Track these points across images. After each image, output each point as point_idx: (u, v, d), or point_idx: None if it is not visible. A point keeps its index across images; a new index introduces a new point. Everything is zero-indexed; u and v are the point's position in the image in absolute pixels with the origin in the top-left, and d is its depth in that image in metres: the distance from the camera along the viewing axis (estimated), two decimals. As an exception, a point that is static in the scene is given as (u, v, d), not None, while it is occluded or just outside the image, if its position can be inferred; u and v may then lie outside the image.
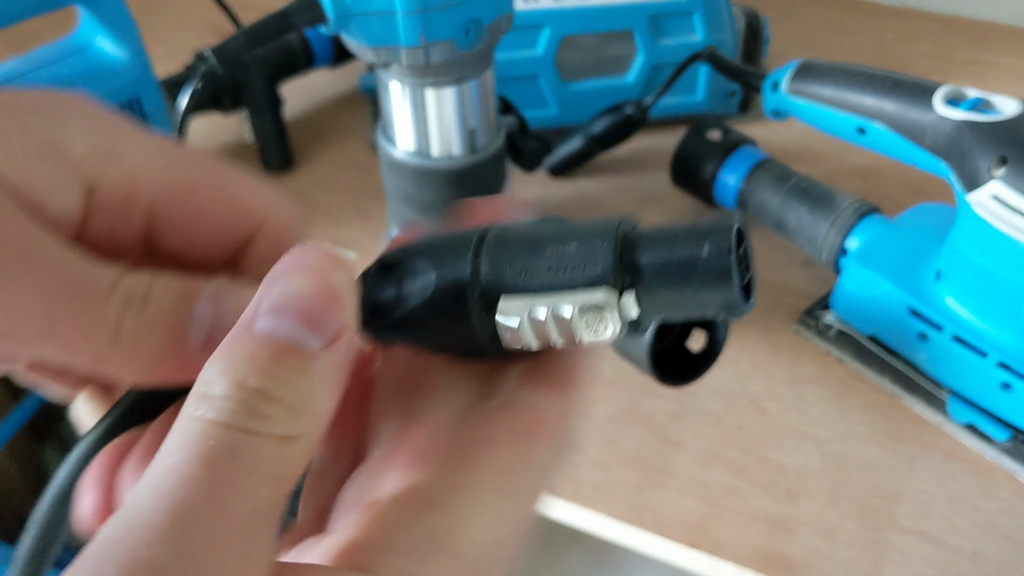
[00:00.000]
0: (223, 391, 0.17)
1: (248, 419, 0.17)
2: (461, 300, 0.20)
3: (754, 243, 0.20)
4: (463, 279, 0.20)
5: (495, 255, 0.20)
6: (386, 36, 0.48)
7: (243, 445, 0.16)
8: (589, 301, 0.19)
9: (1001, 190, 0.44)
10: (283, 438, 0.17)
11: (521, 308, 0.19)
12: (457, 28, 0.48)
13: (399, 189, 0.57)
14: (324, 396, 0.18)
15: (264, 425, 0.17)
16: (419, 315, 0.21)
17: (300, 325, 0.18)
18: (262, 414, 0.17)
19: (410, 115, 0.54)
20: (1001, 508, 0.48)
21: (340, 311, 0.18)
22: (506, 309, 0.19)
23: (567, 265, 0.19)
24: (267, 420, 0.17)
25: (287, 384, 0.17)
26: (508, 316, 0.19)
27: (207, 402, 0.17)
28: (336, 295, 0.18)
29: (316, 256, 0.19)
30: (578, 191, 0.72)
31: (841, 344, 0.56)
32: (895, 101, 0.50)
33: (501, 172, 0.58)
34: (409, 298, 0.21)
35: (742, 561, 0.46)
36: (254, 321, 0.18)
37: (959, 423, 0.52)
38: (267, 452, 0.17)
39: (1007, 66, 0.86)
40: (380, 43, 0.49)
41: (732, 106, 0.78)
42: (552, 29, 0.70)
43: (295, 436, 0.17)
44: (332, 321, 0.18)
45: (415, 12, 0.47)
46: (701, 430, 0.53)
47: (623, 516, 0.48)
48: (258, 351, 0.17)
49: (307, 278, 0.18)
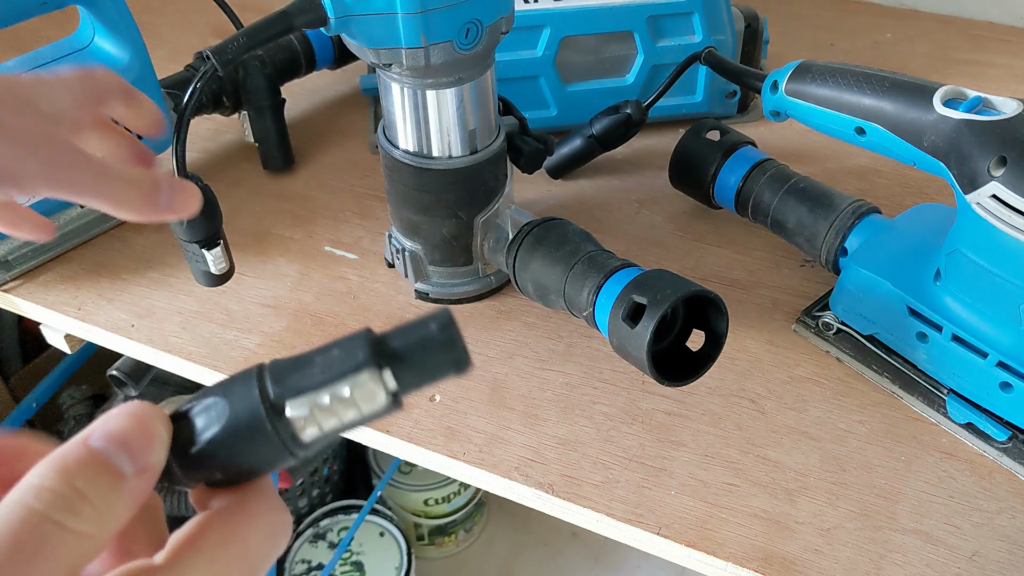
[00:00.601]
0: (53, 485, 0.22)
1: (64, 514, 0.22)
2: (255, 415, 0.25)
3: (754, 243, 0.21)
4: (253, 399, 0.25)
5: (275, 374, 0.25)
6: (387, 37, 0.48)
7: (51, 535, 0.21)
8: (359, 381, 0.24)
9: (1000, 190, 0.44)
10: (84, 535, 0.22)
11: (307, 402, 0.24)
12: (457, 29, 0.48)
13: (400, 190, 0.57)
14: (123, 511, 0.23)
15: (73, 520, 0.22)
16: (221, 439, 0.25)
17: (122, 452, 0.23)
18: (75, 511, 0.22)
19: (410, 116, 0.54)
20: (1001, 508, 0.48)
21: (153, 451, 0.24)
22: (295, 406, 0.24)
23: (335, 365, 0.24)
24: (77, 517, 0.22)
25: (101, 493, 0.22)
26: (298, 409, 0.24)
27: (33, 491, 0.22)
28: (152, 439, 0.24)
29: (147, 409, 0.25)
30: (578, 191, 0.72)
31: (840, 344, 0.56)
32: (894, 101, 0.50)
33: (501, 173, 0.58)
34: (209, 428, 0.25)
35: (741, 560, 0.46)
36: (88, 439, 0.23)
37: (958, 422, 0.52)
38: (68, 542, 0.22)
39: (1006, 66, 0.86)
40: (381, 44, 0.49)
41: (731, 107, 0.78)
42: (552, 30, 0.70)
43: (93, 535, 0.22)
44: (146, 456, 0.24)
45: (416, 13, 0.47)
46: (700, 429, 0.53)
47: (623, 515, 0.49)
48: (88, 460, 0.23)
49: (135, 422, 0.24)
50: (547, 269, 0.53)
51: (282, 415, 0.25)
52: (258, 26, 0.48)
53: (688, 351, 0.51)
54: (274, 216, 0.70)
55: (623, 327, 0.47)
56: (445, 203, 0.56)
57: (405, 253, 0.60)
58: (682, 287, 0.47)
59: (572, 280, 0.52)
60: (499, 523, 1.58)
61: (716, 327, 0.49)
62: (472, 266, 0.60)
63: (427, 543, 1.50)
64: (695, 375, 0.50)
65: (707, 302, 0.48)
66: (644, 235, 0.67)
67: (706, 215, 0.68)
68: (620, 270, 0.50)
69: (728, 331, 0.49)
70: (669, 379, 0.48)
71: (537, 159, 0.59)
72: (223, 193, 0.72)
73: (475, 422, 0.54)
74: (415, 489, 1.42)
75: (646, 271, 0.49)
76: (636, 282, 0.48)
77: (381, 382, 0.24)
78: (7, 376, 1.32)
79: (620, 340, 0.48)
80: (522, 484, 0.50)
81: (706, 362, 0.50)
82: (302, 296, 0.63)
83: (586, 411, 0.54)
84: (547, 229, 0.55)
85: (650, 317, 0.46)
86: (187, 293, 0.63)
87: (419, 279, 0.61)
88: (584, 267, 0.52)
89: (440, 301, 0.61)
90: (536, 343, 0.58)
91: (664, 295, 0.46)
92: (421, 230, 0.58)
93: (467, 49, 0.50)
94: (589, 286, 0.51)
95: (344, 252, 0.66)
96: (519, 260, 0.55)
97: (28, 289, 0.64)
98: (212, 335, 0.60)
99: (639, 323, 0.46)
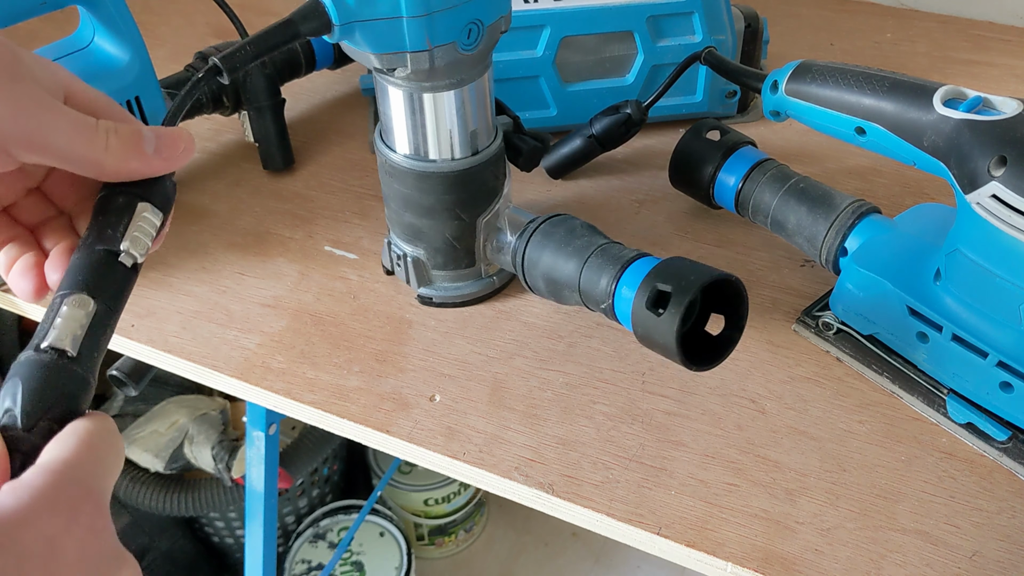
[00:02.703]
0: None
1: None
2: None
3: (754, 243, 0.21)
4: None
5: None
6: (392, 42, 0.48)
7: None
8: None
9: (1000, 190, 0.44)
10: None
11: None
12: (460, 30, 0.48)
13: (399, 194, 0.57)
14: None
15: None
16: None
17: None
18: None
19: (411, 120, 0.54)
20: (1001, 508, 0.48)
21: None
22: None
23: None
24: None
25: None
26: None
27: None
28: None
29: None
30: (578, 191, 0.72)
31: (840, 343, 0.56)
32: (894, 101, 0.50)
33: (501, 172, 0.58)
34: None
35: (741, 560, 0.46)
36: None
37: (958, 422, 0.52)
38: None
39: (1006, 66, 0.86)
40: (386, 49, 0.48)
41: (731, 107, 0.78)
42: (552, 30, 0.70)
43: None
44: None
45: (421, 16, 0.47)
46: (700, 429, 0.53)
47: (623, 515, 0.49)
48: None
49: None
50: (560, 264, 0.53)
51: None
52: (264, 34, 0.46)
53: (707, 335, 0.51)
54: (274, 216, 0.70)
55: (648, 316, 0.47)
56: (448, 205, 0.56)
57: (407, 259, 0.59)
58: (705, 273, 0.47)
59: (588, 273, 0.52)
60: (499, 523, 1.58)
61: (738, 309, 0.49)
62: (475, 268, 0.60)
63: (427, 543, 1.50)
64: (719, 359, 0.49)
65: (727, 285, 0.48)
66: (644, 235, 0.67)
67: (706, 215, 0.68)
68: (637, 260, 0.50)
69: (748, 311, 0.49)
70: (696, 364, 0.48)
71: (535, 157, 0.59)
72: (223, 193, 0.72)
73: (475, 422, 0.54)
74: (415, 489, 1.42)
75: (664, 259, 0.50)
76: (657, 270, 0.48)
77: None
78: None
79: (646, 330, 0.48)
80: (522, 484, 0.50)
81: (728, 345, 0.49)
82: (302, 296, 0.63)
83: (586, 411, 0.54)
84: (554, 225, 0.55)
85: (677, 304, 0.46)
86: (187, 293, 0.63)
87: (422, 284, 0.61)
88: (599, 259, 0.51)
89: (444, 304, 0.61)
90: (536, 343, 0.58)
91: (688, 282, 0.46)
92: (423, 234, 0.58)
93: (469, 50, 0.50)
94: (607, 278, 0.50)
95: (344, 252, 0.66)
96: (527, 258, 0.55)
97: (28, 289, 0.64)
98: (212, 335, 0.60)
99: (666, 311, 0.46)
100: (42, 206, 0.42)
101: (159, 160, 0.38)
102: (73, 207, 0.42)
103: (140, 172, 0.38)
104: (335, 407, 0.55)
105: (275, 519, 1.00)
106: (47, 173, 0.41)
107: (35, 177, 0.41)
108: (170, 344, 0.59)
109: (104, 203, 0.38)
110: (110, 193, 0.39)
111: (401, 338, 0.59)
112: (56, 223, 0.41)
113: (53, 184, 0.41)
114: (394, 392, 0.56)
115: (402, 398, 0.55)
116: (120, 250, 0.37)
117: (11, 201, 0.41)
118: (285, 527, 1.38)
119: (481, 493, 1.52)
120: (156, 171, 0.39)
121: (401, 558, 1.35)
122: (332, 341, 0.59)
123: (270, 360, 0.58)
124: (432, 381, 0.56)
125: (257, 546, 1.01)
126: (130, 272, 0.38)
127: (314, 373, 0.57)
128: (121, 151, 0.37)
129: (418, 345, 0.59)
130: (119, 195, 0.38)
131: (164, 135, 0.39)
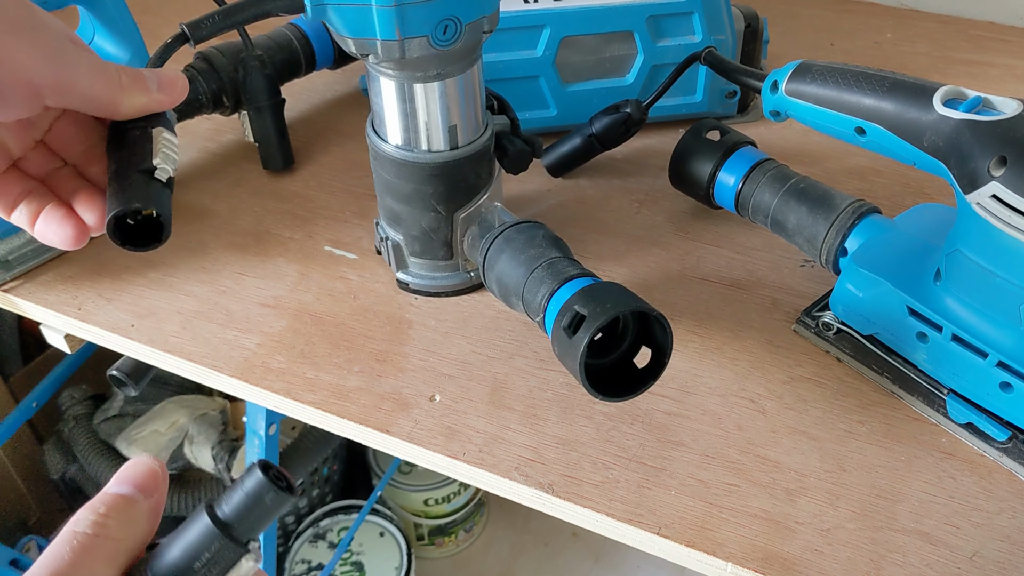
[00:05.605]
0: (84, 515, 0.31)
1: (96, 527, 0.30)
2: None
3: (754, 243, 0.21)
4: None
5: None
6: (362, 28, 0.49)
7: (91, 542, 0.30)
8: (241, 571, 0.31)
9: (1000, 190, 0.44)
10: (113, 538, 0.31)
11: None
12: (434, 25, 0.49)
13: (383, 179, 0.58)
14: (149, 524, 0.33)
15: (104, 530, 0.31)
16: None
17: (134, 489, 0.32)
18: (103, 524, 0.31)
19: (394, 107, 0.54)
20: (1001, 508, 0.48)
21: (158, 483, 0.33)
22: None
23: (217, 564, 0.31)
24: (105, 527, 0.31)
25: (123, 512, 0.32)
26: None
27: (73, 524, 0.31)
28: (156, 475, 0.33)
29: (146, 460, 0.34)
30: (578, 191, 0.72)
31: (840, 344, 0.56)
32: (894, 101, 0.50)
33: (485, 170, 0.58)
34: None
35: (741, 560, 0.46)
36: (109, 488, 0.32)
37: (958, 422, 0.52)
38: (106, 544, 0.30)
39: (1006, 66, 0.86)
40: (357, 34, 0.49)
41: (731, 107, 0.78)
42: (552, 30, 0.70)
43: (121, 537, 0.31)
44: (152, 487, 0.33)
45: (390, 6, 0.47)
46: (700, 429, 0.53)
47: (623, 515, 0.49)
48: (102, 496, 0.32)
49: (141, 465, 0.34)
50: (510, 271, 0.53)
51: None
52: (234, 7, 0.49)
53: (635, 368, 0.50)
54: (274, 216, 0.70)
55: (563, 336, 0.47)
56: (424, 196, 0.57)
57: (388, 242, 0.61)
58: (624, 302, 0.46)
59: (530, 284, 0.52)
60: (499, 523, 1.58)
61: (661, 345, 0.48)
62: (452, 261, 0.60)
63: (427, 543, 1.50)
64: (633, 393, 0.49)
65: (655, 320, 0.48)
66: (644, 235, 0.67)
67: (706, 215, 0.68)
68: (575, 278, 0.50)
69: (672, 351, 0.48)
70: (607, 394, 0.48)
71: (521, 161, 0.59)
72: (223, 193, 0.72)
73: (475, 422, 0.54)
74: (415, 489, 1.42)
75: (597, 282, 0.49)
76: (583, 292, 0.48)
77: (253, 557, 0.31)
78: (7, 376, 1.32)
79: (560, 349, 0.48)
80: (522, 484, 0.50)
81: (648, 380, 0.49)
82: (302, 296, 0.63)
83: (586, 411, 0.54)
84: (519, 231, 0.55)
85: (587, 329, 0.46)
86: (187, 293, 0.63)
87: (400, 268, 0.62)
88: (543, 272, 0.51)
89: (420, 292, 0.62)
90: (536, 343, 0.58)
91: (604, 308, 0.46)
92: (402, 220, 0.59)
93: (444, 45, 0.50)
94: (543, 292, 0.50)
95: (344, 252, 0.66)
96: (487, 259, 0.55)
97: (28, 289, 0.64)
98: (212, 335, 0.60)
99: (577, 333, 0.46)
100: (48, 157, 0.43)
101: (163, 95, 0.42)
102: (78, 156, 0.43)
103: (148, 107, 0.42)
104: (335, 407, 0.55)
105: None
106: (51, 123, 0.43)
107: (41, 128, 0.43)
108: (170, 344, 0.59)
109: (119, 140, 0.42)
110: (121, 130, 0.41)
111: (401, 338, 0.59)
112: (64, 172, 0.43)
113: (57, 134, 0.43)
114: (394, 392, 0.56)
115: (402, 398, 0.55)
116: (155, 166, 0.40)
117: (21, 153, 0.42)
118: (285, 527, 1.38)
119: (481, 493, 1.52)
120: (161, 106, 0.42)
121: (401, 558, 1.35)
122: (332, 341, 0.59)
123: (270, 360, 0.58)
124: (432, 381, 0.56)
125: (257, 546, 1.01)
126: (166, 187, 0.41)
127: (314, 373, 0.57)
128: (134, 89, 0.41)
129: (418, 345, 0.59)
130: (132, 129, 0.42)
131: (161, 74, 0.42)
